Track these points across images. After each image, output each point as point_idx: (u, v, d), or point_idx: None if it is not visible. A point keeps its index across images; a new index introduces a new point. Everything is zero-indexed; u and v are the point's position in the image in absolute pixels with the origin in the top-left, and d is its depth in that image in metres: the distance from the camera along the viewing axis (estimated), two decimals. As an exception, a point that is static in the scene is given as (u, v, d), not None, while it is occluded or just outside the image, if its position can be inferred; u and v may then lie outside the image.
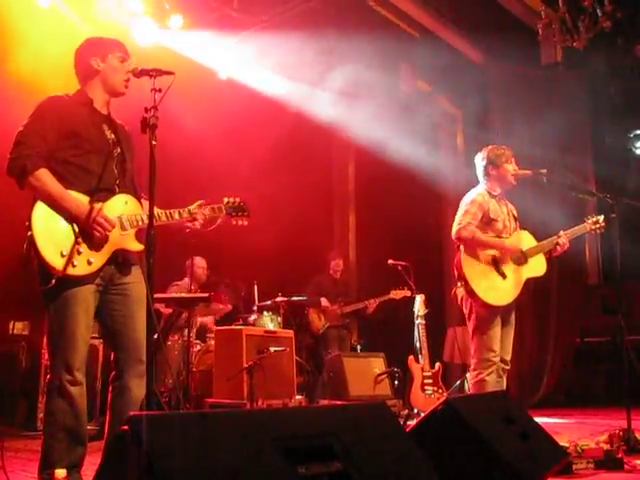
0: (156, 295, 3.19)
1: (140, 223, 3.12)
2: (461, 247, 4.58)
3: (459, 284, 4.59)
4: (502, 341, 4.55)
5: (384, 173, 8.10)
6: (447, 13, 7.58)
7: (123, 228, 3.10)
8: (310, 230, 9.10)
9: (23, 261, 2.95)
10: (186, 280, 6.75)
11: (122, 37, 3.50)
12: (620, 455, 3.78)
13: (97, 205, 3.02)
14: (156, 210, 3.22)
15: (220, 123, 7.71)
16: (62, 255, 2.92)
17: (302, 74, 7.49)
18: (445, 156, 9.08)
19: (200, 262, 7.01)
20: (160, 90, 2.88)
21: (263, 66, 7.48)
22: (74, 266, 2.94)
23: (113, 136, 3.23)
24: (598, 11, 7.60)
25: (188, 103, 6.43)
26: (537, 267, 4.65)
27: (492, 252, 4.55)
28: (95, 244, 3.02)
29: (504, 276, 4.51)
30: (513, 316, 4.64)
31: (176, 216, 3.29)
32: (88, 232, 3.00)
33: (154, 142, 2.76)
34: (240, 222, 3.57)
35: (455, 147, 9.48)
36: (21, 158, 2.95)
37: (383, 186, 8.54)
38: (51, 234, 2.94)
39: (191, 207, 3.34)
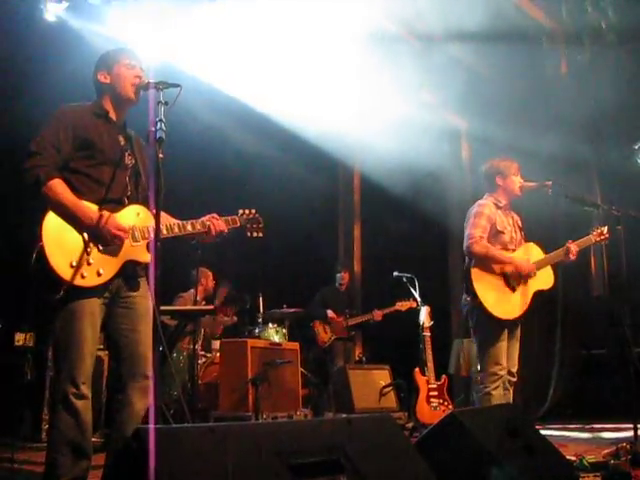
0: (162, 307, 3.18)
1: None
2: (468, 259, 4.57)
3: (466, 297, 4.57)
4: (508, 353, 4.53)
5: (389, 185, 8.11)
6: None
7: (134, 239, 3.09)
8: (315, 242, 9.10)
9: (32, 271, 2.93)
10: (191, 291, 6.72)
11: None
12: (627, 468, 3.76)
13: (105, 213, 3.00)
14: (169, 221, 3.24)
15: (225, 134, 7.74)
16: (71, 266, 2.90)
17: (306, 85, 7.50)
18: (450, 168, 9.08)
19: (206, 273, 7.01)
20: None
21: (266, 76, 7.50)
22: (83, 277, 2.93)
23: (129, 147, 3.23)
24: (602, 23, 7.63)
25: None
26: (545, 280, 4.63)
27: (503, 266, 4.53)
28: (106, 255, 3.02)
29: (513, 289, 4.50)
30: (519, 328, 4.62)
31: (189, 228, 3.26)
32: (100, 241, 2.99)
33: (161, 155, 2.75)
34: (255, 234, 3.52)
35: (460, 159, 9.49)
36: (35, 169, 2.95)
37: (388, 197, 8.53)
38: (61, 245, 2.93)
39: (204, 219, 3.31)
